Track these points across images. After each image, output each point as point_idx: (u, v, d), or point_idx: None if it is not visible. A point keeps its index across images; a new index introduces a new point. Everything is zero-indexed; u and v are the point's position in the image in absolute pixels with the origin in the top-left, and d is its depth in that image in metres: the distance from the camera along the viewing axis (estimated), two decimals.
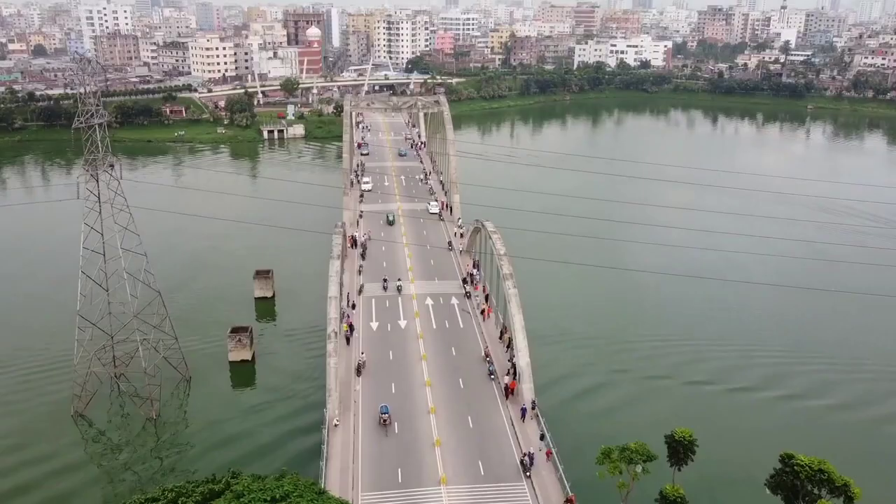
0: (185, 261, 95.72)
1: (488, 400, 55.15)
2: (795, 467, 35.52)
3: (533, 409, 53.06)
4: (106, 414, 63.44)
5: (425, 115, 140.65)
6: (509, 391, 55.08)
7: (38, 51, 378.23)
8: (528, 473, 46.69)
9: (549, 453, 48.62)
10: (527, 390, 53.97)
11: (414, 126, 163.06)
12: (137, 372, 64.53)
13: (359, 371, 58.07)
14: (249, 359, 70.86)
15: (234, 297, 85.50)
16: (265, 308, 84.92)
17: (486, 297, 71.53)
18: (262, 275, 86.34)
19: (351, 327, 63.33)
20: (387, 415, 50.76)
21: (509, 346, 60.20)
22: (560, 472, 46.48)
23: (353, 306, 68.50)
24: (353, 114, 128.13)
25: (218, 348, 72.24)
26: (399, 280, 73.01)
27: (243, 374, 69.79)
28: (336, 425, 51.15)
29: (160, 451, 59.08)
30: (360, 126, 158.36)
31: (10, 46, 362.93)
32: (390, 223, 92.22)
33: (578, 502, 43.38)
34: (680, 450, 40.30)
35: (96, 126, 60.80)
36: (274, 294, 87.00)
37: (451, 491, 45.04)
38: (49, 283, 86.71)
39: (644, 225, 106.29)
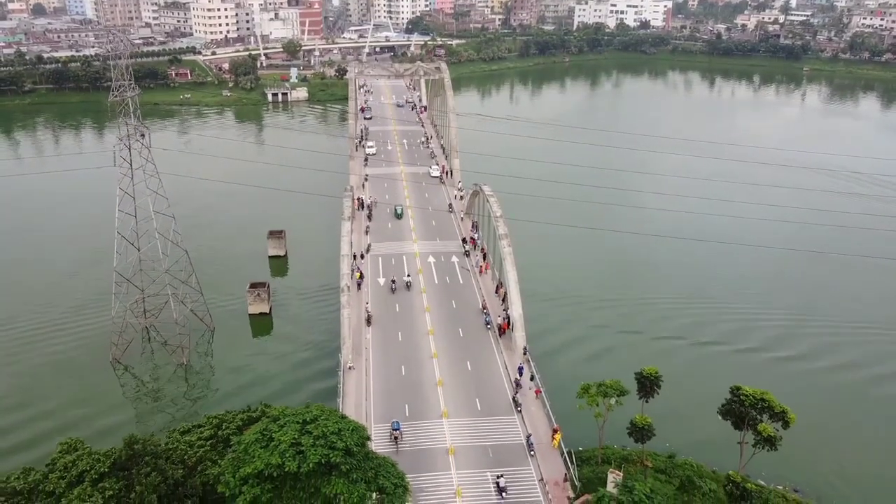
0: (201, 221, 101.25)
1: (485, 346, 61.91)
2: (742, 397, 42.13)
3: (524, 354, 59.80)
4: (139, 360, 70.14)
5: (426, 80, 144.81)
6: (502, 330, 62.74)
7: (38, 10, 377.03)
8: (518, 409, 53.60)
9: (537, 392, 55.50)
10: (519, 338, 60.66)
11: (415, 89, 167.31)
12: (166, 323, 71.25)
13: (368, 321, 64.64)
14: (267, 311, 77.38)
15: (250, 256, 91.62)
16: (279, 265, 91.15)
17: (484, 256, 77.79)
18: (275, 235, 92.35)
19: (361, 275, 70.75)
20: (398, 430, 49.71)
21: (504, 299, 66.66)
22: (547, 407, 53.46)
23: (362, 256, 75.76)
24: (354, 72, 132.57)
25: (237, 302, 78.70)
26: (408, 275, 72.11)
27: (262, 325, 76.39)
28: (350, 368, 57.89)
29: (191, 392, 66.03)
30: (363, 90, 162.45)
31: (10, 6, 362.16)
32: (398, 216, 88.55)
33: (562, 432, 50.43)
34: (647, 384, 46.89)
35: (129, 99, 65.67)
36: (286, 253, 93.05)
37: (451, 423, 51.98)
38: (84, 243, 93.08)
39: (638, 192, 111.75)
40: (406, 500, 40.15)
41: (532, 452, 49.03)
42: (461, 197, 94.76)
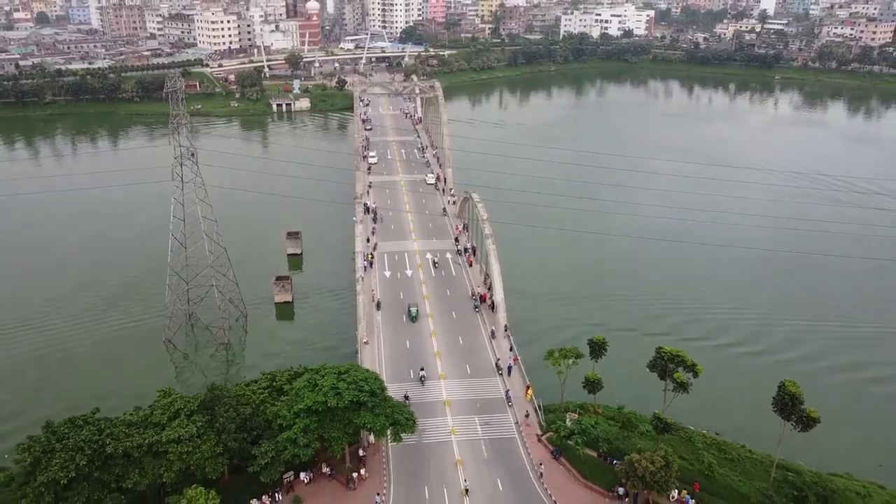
0: (225, 223, 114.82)
1: (474, 325, 76.45)
2: (663, 353, 56.39)
3: (505, 330, 74.20)
4: (185, 340, 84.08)
5: (422, 98, 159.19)
6: (483, 299, 79.06)
7: (41, 18, 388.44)
8: (500, 373, 67.97)
9: (515, 360, 69.89)
10: (501, 318, 75.15)
11: (411, 101, 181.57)
12: (206, 309, 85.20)
13: (378, 306, 78.86)
14: (290, 300, 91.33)
15: (270, 253, 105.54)
16: (296, 262, 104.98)
17: (473, 251, 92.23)
18: (292, 235, 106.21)
19: (373, 255, 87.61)
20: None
21: (490, 287, 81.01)
22: (522, 371, 67.91)
23: (368, 240, 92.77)
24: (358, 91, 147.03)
25: (264, 292, 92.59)
26: (422, 370, 67.47)
27: (287, 311, 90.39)
28: (366, 343, 72.05)
29: (232, 365, 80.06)
30: (362, 102, 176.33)
31: (16, 15, 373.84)
32: (413, 319, 76.80)
33: (534, 388, 64.88)
34: (597, 348, 61.33)
35: (183, 126, 79.49)
36: (302, 251, 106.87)
37: (448, 383, 66.45)
38: (139, 244, 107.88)
39: (609, 201, 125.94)
40: (415, 430, 54.64)
41: (510, 403, 63.40)
42: (454, 202, 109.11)
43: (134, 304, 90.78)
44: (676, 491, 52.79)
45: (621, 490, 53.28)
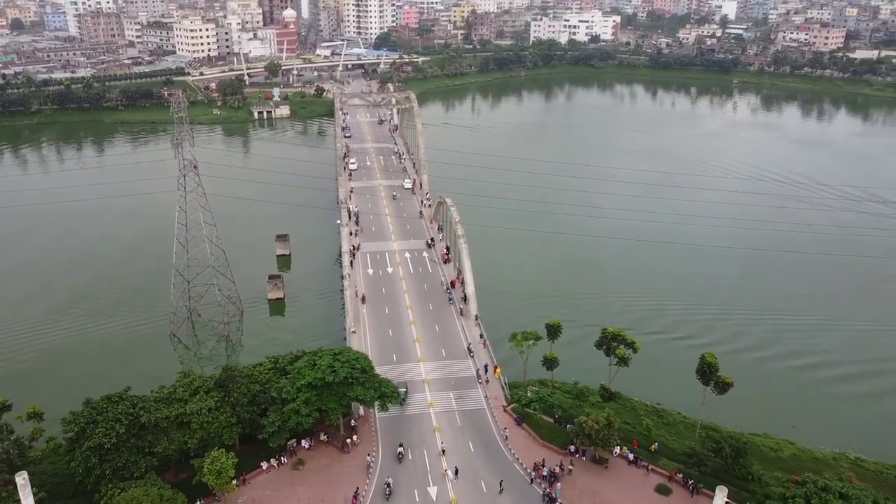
0: (220, 227, 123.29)
1: (448, 315, 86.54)
2: (607, 333, 66.99)
3: (476, 319, 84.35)
4: (188, 334, 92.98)
5: (397, 109, 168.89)
6: (453, 284, 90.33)
7: (16, 25, 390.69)
8: (471, 355, 78.12)
9: (484, 344, 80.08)
10: (472, 308, 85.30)
11: (388, 108, 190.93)
12: (206, 306, 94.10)
13: (363, 300, 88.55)
14: (282, 297, 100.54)
15: (261, 254, 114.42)
16: (285, 262, 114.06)
17: (448, 250, 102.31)
18: (282, 237, 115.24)
19: (357, 247, 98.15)
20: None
21: (462, 282, 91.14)
22: (491, 353, 78.12)
23: (354, 232, 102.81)
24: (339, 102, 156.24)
25: (257, 290, 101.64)
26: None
27: (279, 307, 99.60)
28: (353, 332, 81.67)
29: (231, 356, 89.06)
30: (341, 111, 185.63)
31: None
32: (402, 402, 68.36)
33: (501, 367, 75.10)
34: (553, 331, 71.79)
35: (186, 142, 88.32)
36: (290, 252, 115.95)
37: (426, 365, 76.40)
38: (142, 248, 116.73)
39: (577, 205, 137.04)
40: (398, 402, 64.54)
41: (480, 381, 73.52)
42: (429, 206, 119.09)
43: (140, 303, 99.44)
44: (618, 447, 63.27)
45: (572, 448, 63.60)
